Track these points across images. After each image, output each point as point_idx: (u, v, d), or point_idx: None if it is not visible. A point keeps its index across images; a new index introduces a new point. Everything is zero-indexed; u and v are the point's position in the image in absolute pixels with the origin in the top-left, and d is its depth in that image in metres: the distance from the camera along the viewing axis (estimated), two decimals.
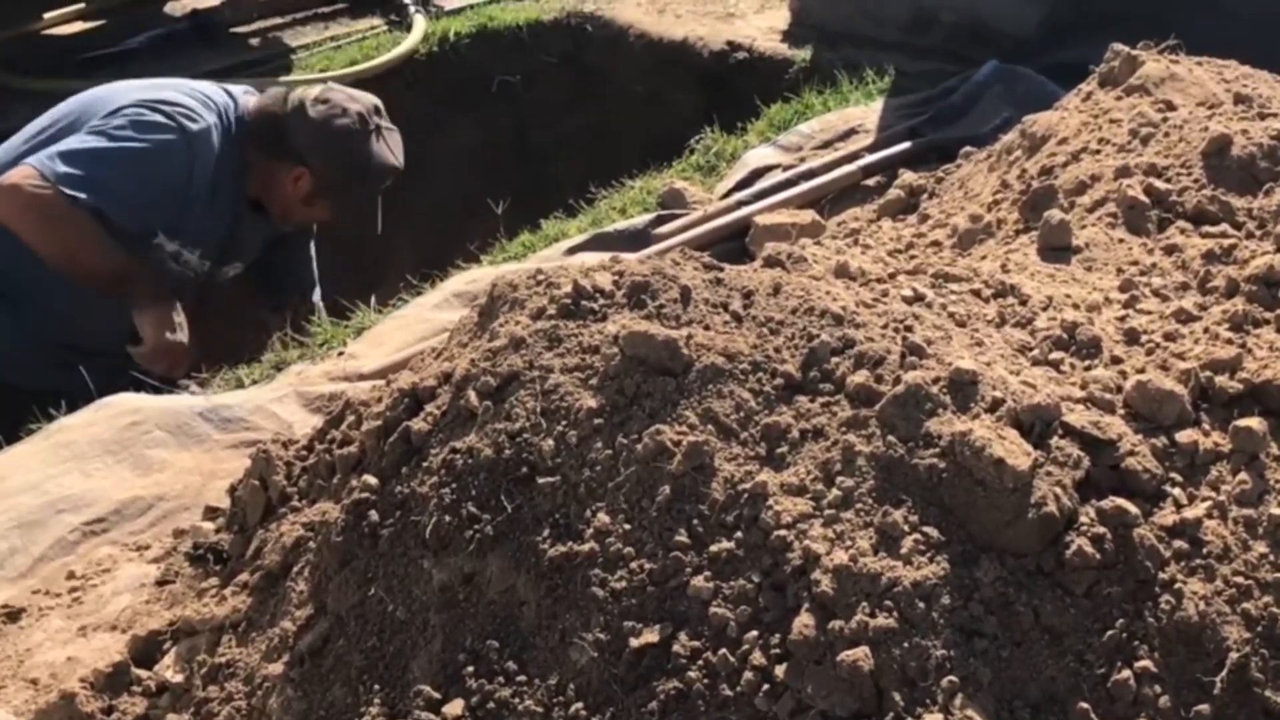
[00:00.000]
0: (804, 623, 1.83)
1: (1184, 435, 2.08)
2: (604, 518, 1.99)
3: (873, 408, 2.04)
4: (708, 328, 2.18)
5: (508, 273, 2.48)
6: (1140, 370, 2.21)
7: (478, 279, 3.87)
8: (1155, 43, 3.45)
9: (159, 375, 3.85)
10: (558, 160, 6.56)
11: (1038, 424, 2.00)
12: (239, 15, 6.77)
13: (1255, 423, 2.09)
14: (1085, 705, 1.82)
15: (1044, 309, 2.42)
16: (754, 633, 1.86)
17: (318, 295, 4.74)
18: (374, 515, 2.17)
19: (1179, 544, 1.95)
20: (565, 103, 6.70)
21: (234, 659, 2.32)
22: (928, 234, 3.29)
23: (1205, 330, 2.34)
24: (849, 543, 1.90)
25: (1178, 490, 2.02)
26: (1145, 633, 1.88)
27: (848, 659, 1.78)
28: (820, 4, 6.04)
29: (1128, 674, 1.84)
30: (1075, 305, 2.45)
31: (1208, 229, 2.72)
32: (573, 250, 4.03)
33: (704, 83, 6.19)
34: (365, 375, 3.42)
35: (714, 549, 1.93)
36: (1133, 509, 1.93)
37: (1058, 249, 2.74)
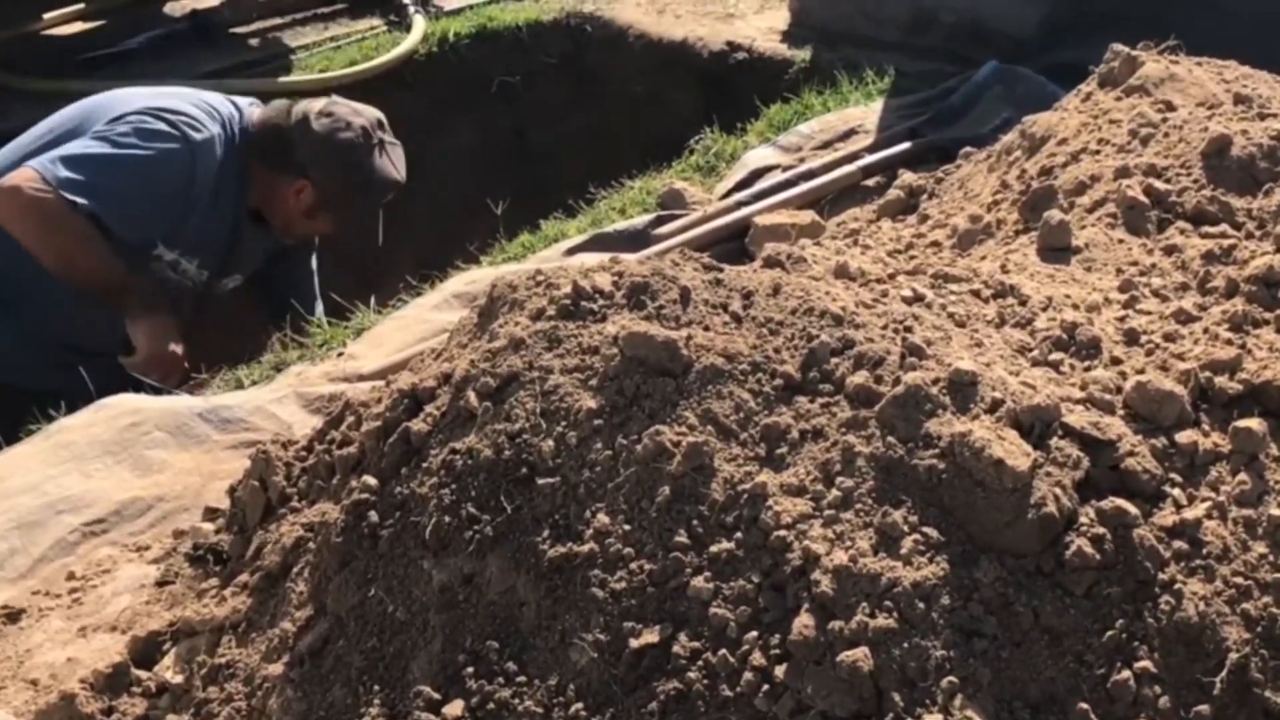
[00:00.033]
0: (804, 623, 1.83)
1: (1184, 436, 2.08)
2: (604, 518, 1.99)
3: (872, 408, 2.04)
4: (707, 328, 2.18)
5: (507, 273, 2.48)
6: (1140, 371, 2.21)
7: (477, 280, 3.87)
8: (1155, 43, 3.46)
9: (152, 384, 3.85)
10: (557, 161, 6.56)
11: (1037, 425, 2.00)
12: (238, 16, 6.77)
13: (1255, 423, 2.09)
14: (1085, 706, 1.82)
15: (1044, 309, 2.42)
16: (754, 633, 1.86)
17: (320, 311, 4.72)
18: (374, 516, 2.17)
19: (1179, 544, 1.95)
20: (565, 103, 6.70)
21: (234, 660, 2.32)
22: (927, 234, 3.29)
23: (1205, 331, 2.34)
24: (849, 543, 1.90)
25: (1177, 491, 2.02)
26: (1145, 633, 1.88)
27: (847, 659, 1.78)
28: (820, 4, 6.04)
29: (1127, 674, 1.84)
30: (1075, 306, 2.45)
31: (1207, 229, 2.72)
32: (572, 251, 4.03)
33: (704, 83, 6.19)
34: (365, 376, 3.42)
35: (714, 549, 1.93)
36: (1132, 509, 1.93)
37: (1057, 249, 2.75)
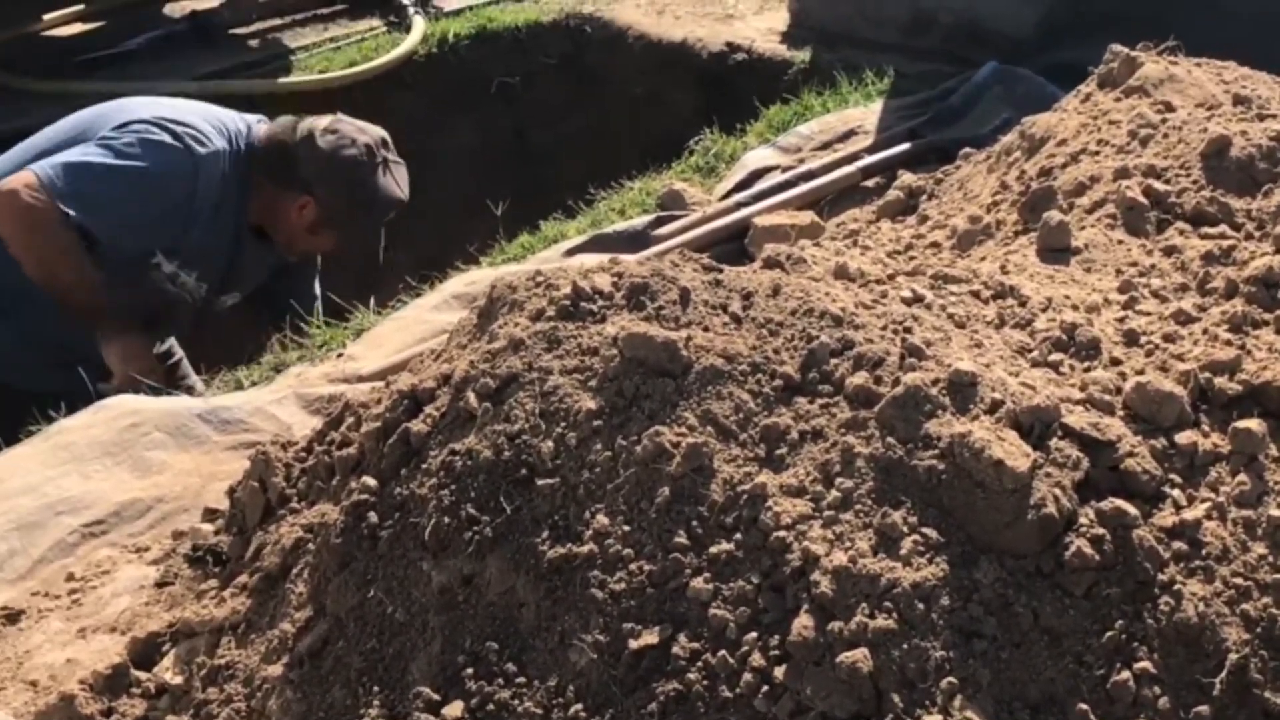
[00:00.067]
0: (803, 624, 1.83)
1: (1183, 436, 2.08)
2: (603, 519, 1.99)
3: (872, 409, 2.04)
4: (707, 329, 2.18)
5: (507, 274, 2.48)
6: (1139, 371, 2.21)
7: (477, 280, 3.87)
8: (1154, 44, 3.46)
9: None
10: (557, 161, 6.56)
11: (1037, 425, 2.00)
12: (238, 16, 6.76)
13: (1254, 424, 2.09)
14: (1084, 706, 1.82)
15: (1043, 310, 2.42)
16: (753, 634, 1.86)
17: None
18: (373, 517, 2.17)
19: (1178, 545, 1.95)
20: (564, 104, 6.70)
21: (233, 661, 2.32)
22: (927, 235, 3.29)
23: (1204, 331, 2.34)
24: (848, 544, 1.90)
25: (1177, 491, 2.02)
26: (1144, 634, 1.88)
27: (847, 660, 1.78)
28: (819, 5, 6.04)
29: (1127, 675, 1.84)
30: (1074, 306, 2.45)
31: (1207, 230, 2.72)
32: (572, 251, 4.03)
33: (703, 84, 6.20)
34: (364, 377, 3.42)
35: (713, 550, 1.93)
36: (1132, 510, 1.93)
37: (1057, 250, 2.75)
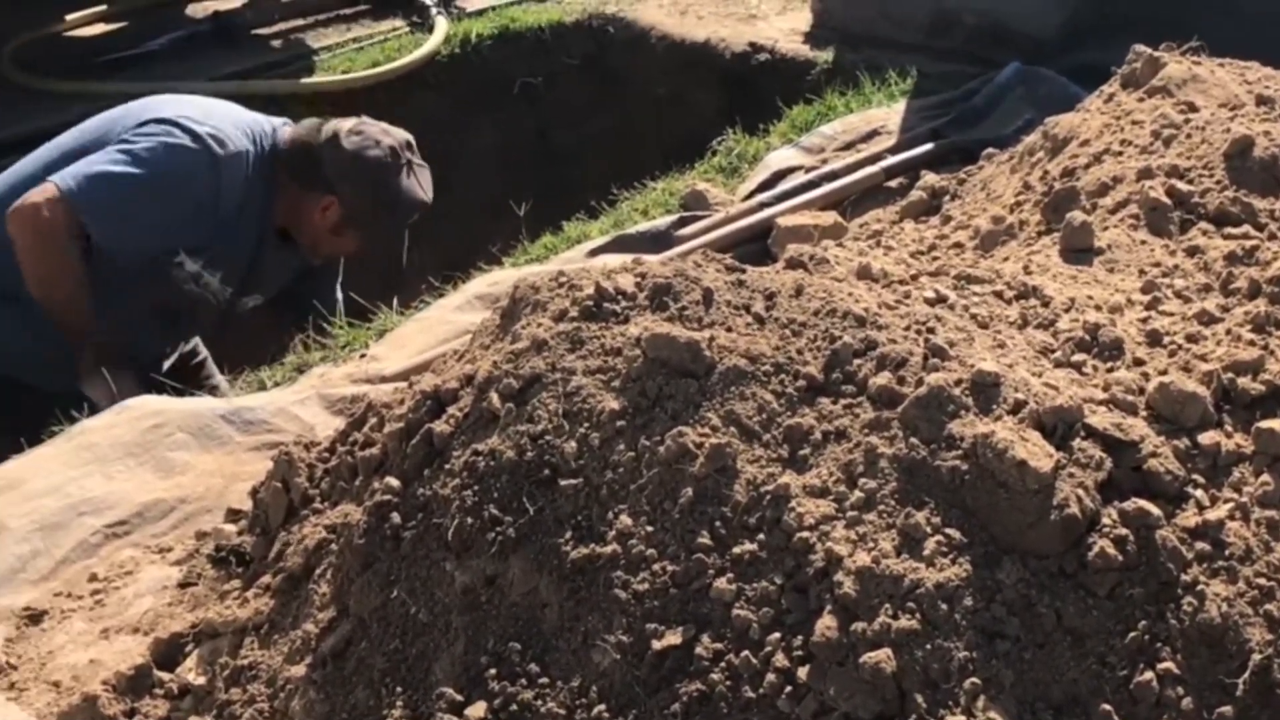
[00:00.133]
0: (826, 624, 1.83)
1: (1206, 437, 2.08)
2: (626, 520, 1.99)
3: (895, 409, 2.03)
4: (730, 329, 2.18)
5: (530, 274, 2.48)
6: (1162, 372, 2.20)
7: (500, 281, 3.87)
8: (1177, 44, 3.45)
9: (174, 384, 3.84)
10: (580, 162, 6.56)
11: (1060, 426, 2.00)
12: (261, 17, 6.79)
13: (1277, 424, 2.09)
14: (1108, 707, 1.82)
15: (1066, 310, 2.42)
16: (776, 634, 1.86)
17: None
18: (396, 517, 2.17)
19: (1201, 545, 1.95)
20: (587, 104, 6.71)
21: (256, 661, 2.32)
22: (950, 235, 3.28)
23: (1227, 332, 2.34)
24: (871, 544, 1.90)
25: (1200, 492, 2.02)
26: (1167, 634, 1.88)
27: (870, 661, 1.78)
28: (842, 6, 6.04)
29: (1150, 676, 1.84)
30: (1097, 307, 2.45)
31: (1230, 230, 2.71)
32: (595, 252, 4.03)
33: (726, 84, 6.20)
34: (387, 377, 3.43)
35: (736, 551, 1.93)
36: (1155, 510, 1.93)
37: (1080, 250, 2.74)
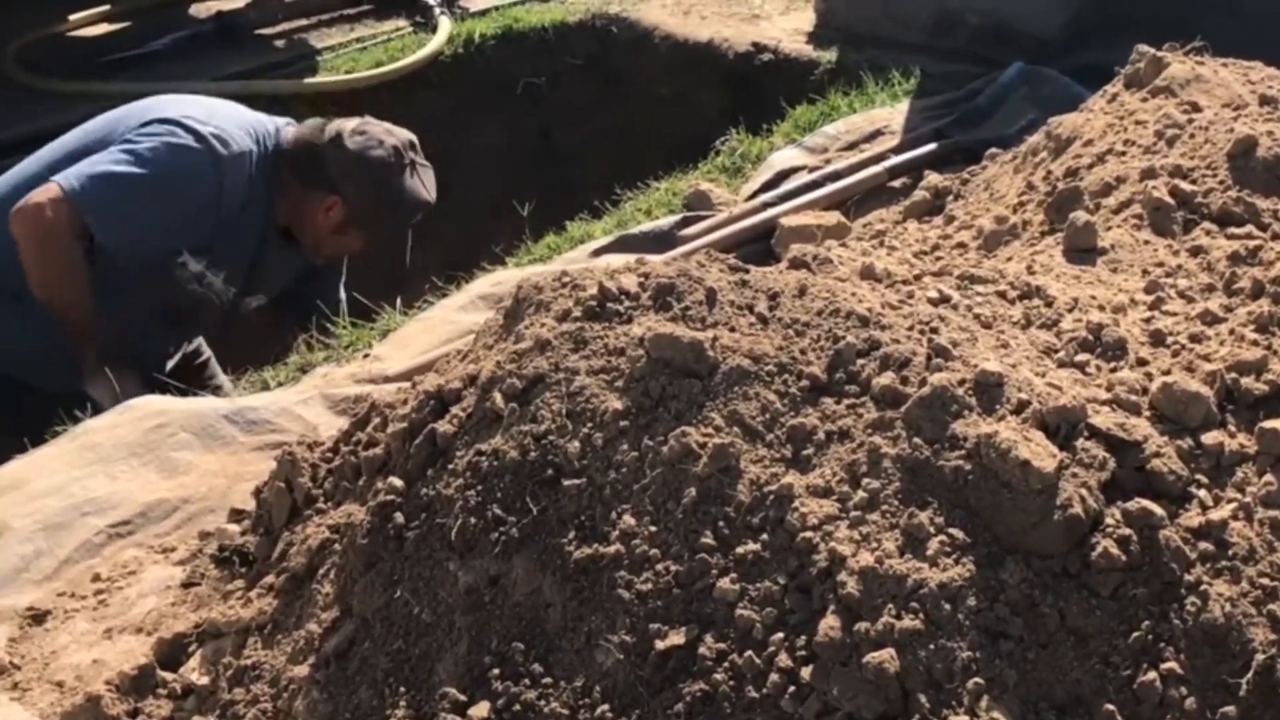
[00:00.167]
0: (830, 624, 1.83)
1: (1209, 437, 2.08)
2: (630, 520, 1.99)
3: (898, 409, 2.03)
4: (733, 329, 2.18)
5: (533, 275, 2.48)
6: (1166, 372, 2.20)
7: (503, 281, 3.88)
8: (1180, 44, 3.45)
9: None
10: (583, 162, 6.56)
11: (1063, 426, 2.00)
12: (264, 17, 6.79)
13: None
14: (1111, 707, 1.82)
15: (1069, 310, 2.42)
16: (780, 634, 1.86)
17: None
18: (399, 517, 2.17)
19: (1204, 545, 1.95)
20: (590, 104, 6.71)
21: (259, 661, 2.32)
22: (953, 235, 3.29)
23: (1231, 332, 2.34)
24: (875, 544, 1.90)
25: (1203, 492, 2.02)
26: (1171, 634, 1.88)
27: (874, 661, 1.78)
28: (845, 6, 6.05)
29: (1153, 676, 1.84)
30: (1101, 307, 2.45)
31: (1233, 230, 2.71)
32: (598, 252, 4.03)
33: (729, 84, 6.20)
34: (390, 377, 3.43)
35: (740, 551, 1.93)
36: (1158, 510, 1.93)
37: (1083, 250, 2.74)
